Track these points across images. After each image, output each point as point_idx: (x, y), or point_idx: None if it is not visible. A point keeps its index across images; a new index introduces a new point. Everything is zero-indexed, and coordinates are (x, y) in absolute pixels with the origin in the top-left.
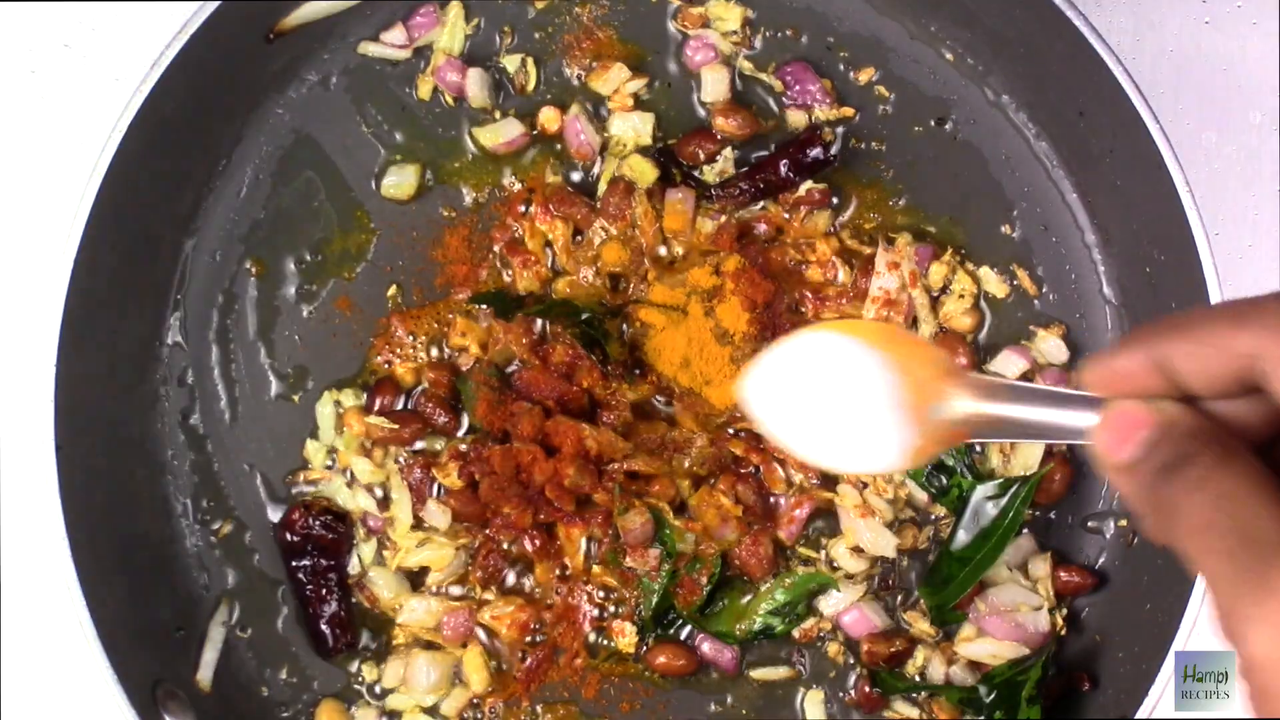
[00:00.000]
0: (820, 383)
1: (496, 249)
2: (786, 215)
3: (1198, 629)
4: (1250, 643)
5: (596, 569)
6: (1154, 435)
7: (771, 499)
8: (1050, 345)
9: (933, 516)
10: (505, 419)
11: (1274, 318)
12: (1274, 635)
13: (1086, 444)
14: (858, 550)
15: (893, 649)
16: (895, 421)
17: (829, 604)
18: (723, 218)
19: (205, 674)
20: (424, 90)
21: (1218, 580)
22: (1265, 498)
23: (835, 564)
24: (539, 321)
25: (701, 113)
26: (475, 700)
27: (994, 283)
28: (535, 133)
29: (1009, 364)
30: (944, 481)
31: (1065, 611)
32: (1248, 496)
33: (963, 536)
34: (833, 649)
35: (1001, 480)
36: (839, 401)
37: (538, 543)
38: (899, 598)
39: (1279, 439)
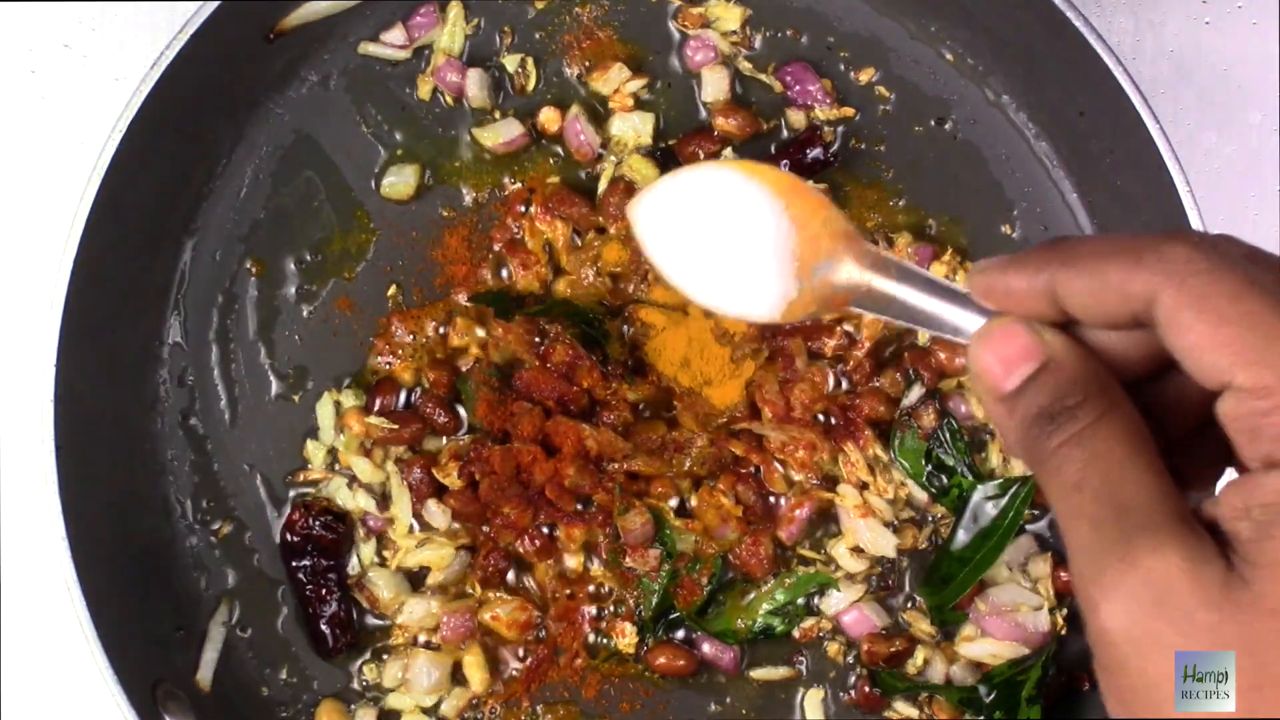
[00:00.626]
0: (710, 218)
1: (496, 249)
2: None
3: None
4: (1103, 614)
5: (596, 569)
6: (1037, 372)
7: (771, 499)
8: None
9: (933, 516)
10: (505, 419)
11: (1174, 262)
12: (1128, 609)
13: (966, 350)
14: (858, 550)
15: (893, 649)
16: (778, 271)
17: (829, 604)
18: None
19: (205, 674)
20: (424, 90)
21: (1081, 545)
22: (1143, 463)
23: (835, 564)
24: (539, 322)
25: (702, 113)
26: (475, 700)
27: None
28: (535, 133)
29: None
30: (944, 481)
31: (1065, 611)
32: (1125, 460)
33: (963, 536)
34: (833, 649)
35: (1002, 480)
36: (726, 239)
37: (538, 543)
38: (899, 598)
39: (1155, 376)
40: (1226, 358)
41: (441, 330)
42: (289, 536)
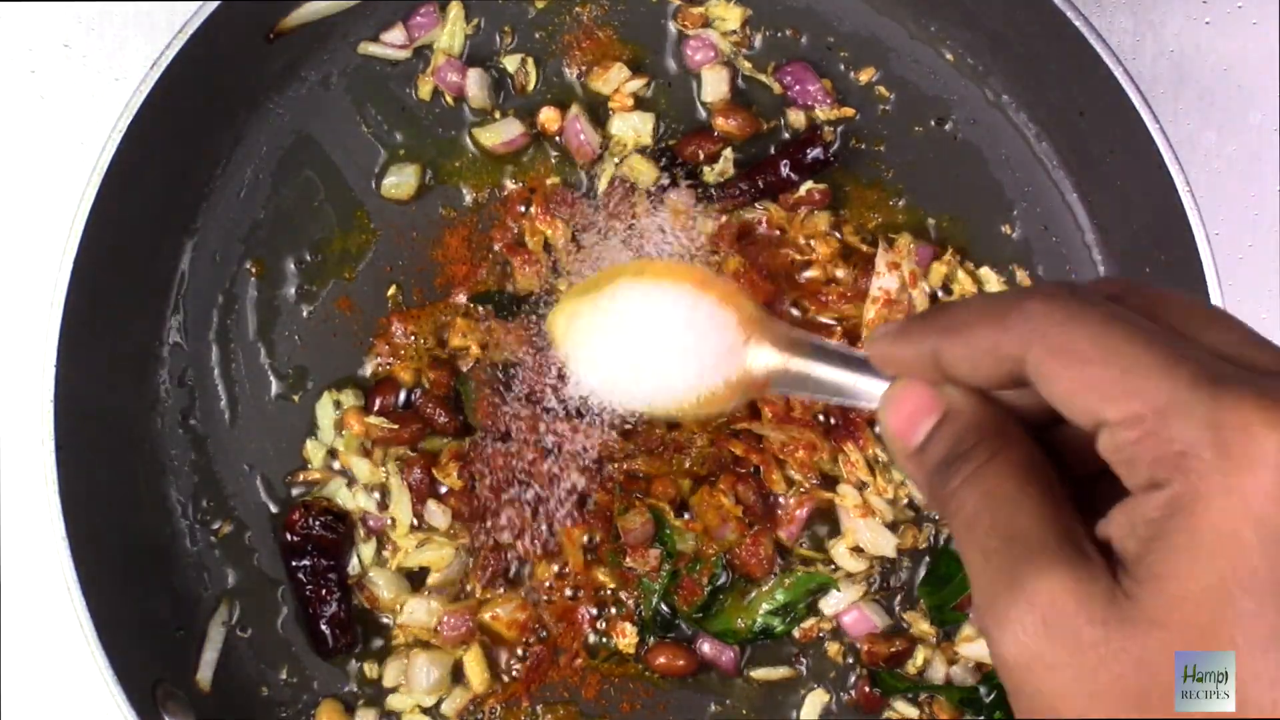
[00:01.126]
0: (625, 324)
1: (496, 249)
2: (787, 215)
3: None
4: (1000, 643)
5: (596, 569)
6: (938, 424)
7: (771, 499)
8: None
9: (933, 516)
10: (505, 419)
11: (1034, 318)
12: (1018, 635)
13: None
14: (858, 550)
15: (893, 649)
16: (696, 366)
17: (829, 604)
18: (723, 218)
19: (205, 674)
20: (424, 90)
21: (976, 578)
22: (1030, 496)
23: (835, 564)
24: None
25: (702, 113)
26: (475, 700)
27: (994, 283)
28: (535, 133)
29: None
30: None
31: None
32: (1013, 494)
33: None
34: (833, 649)
35: None
36: (642, 342)
37: (538, 543)
38: (899, 598)
39: (1057, 421)
40: (1094, 398)
41: (442, 332)
42: (289, 536)
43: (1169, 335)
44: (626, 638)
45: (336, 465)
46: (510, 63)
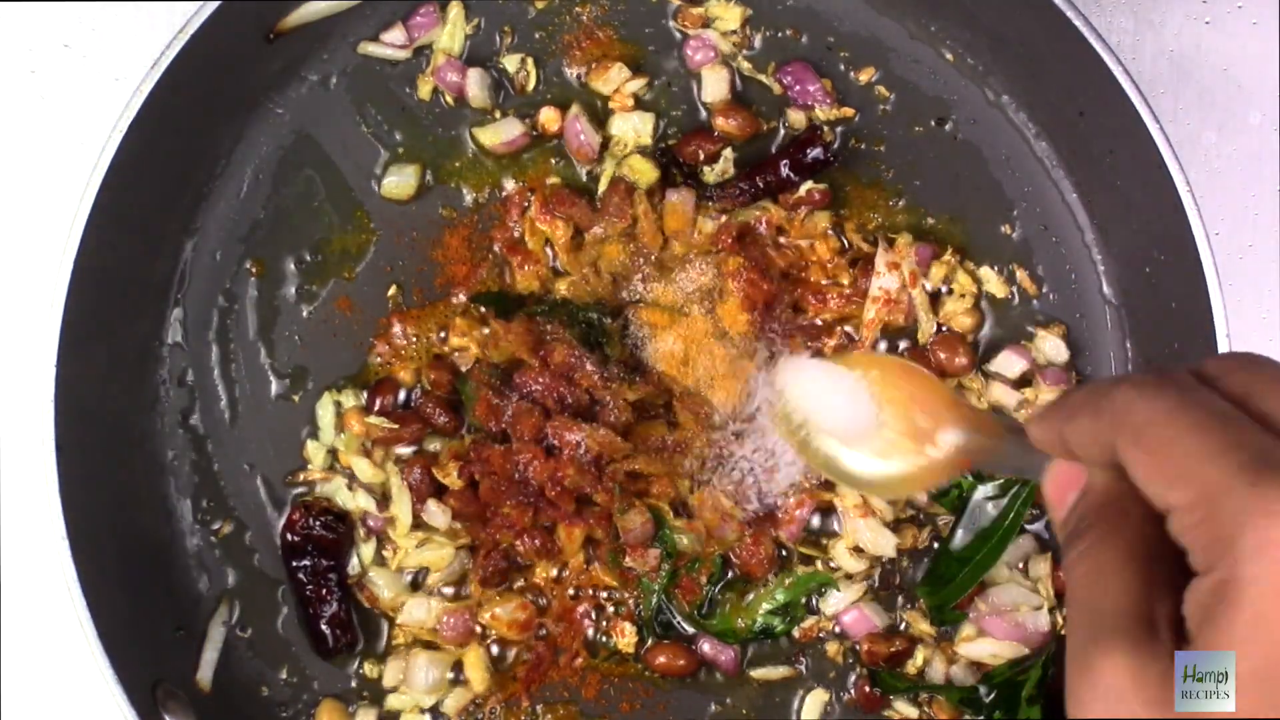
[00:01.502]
0: (829, 409)
1: (496, 249)
2: (787, 215)
3: None
4: (1069, 711)
5: (596, 569)
6: (1076, 500)
7: (771, 499)
8: (1050, 345)
9: (933, 517)
10: (505, 419)
11: (1118, 408)
12: (1086, 708)
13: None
14: (858, 550)
15: (893, 649)
16: (900, 451)
17: (829, 604)
18: (723, 218)
19: (205, 674)
20: (424, 90)
21: (1067, 649)
22: (1123, 577)
23: (835, 564)
24: (539, 322)
25: (702, 113)
26: (475, 700)
27: (994, 283)
28: (535, 133)
29: (1009, 364)
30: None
31: (1066, 611)
32: (1109, 574)
33: (962, 536)
34: (833, 649)
35: (1002, 481)
36: (848, 426)
37: (537, 543)
38: (899, 598)
39: None
40: (1161, 484)
41: (442, 332)
42: (289, 536)
43: (1236, 420)
44: (626, 638)
45: (336, 465)
46: (510, 63)
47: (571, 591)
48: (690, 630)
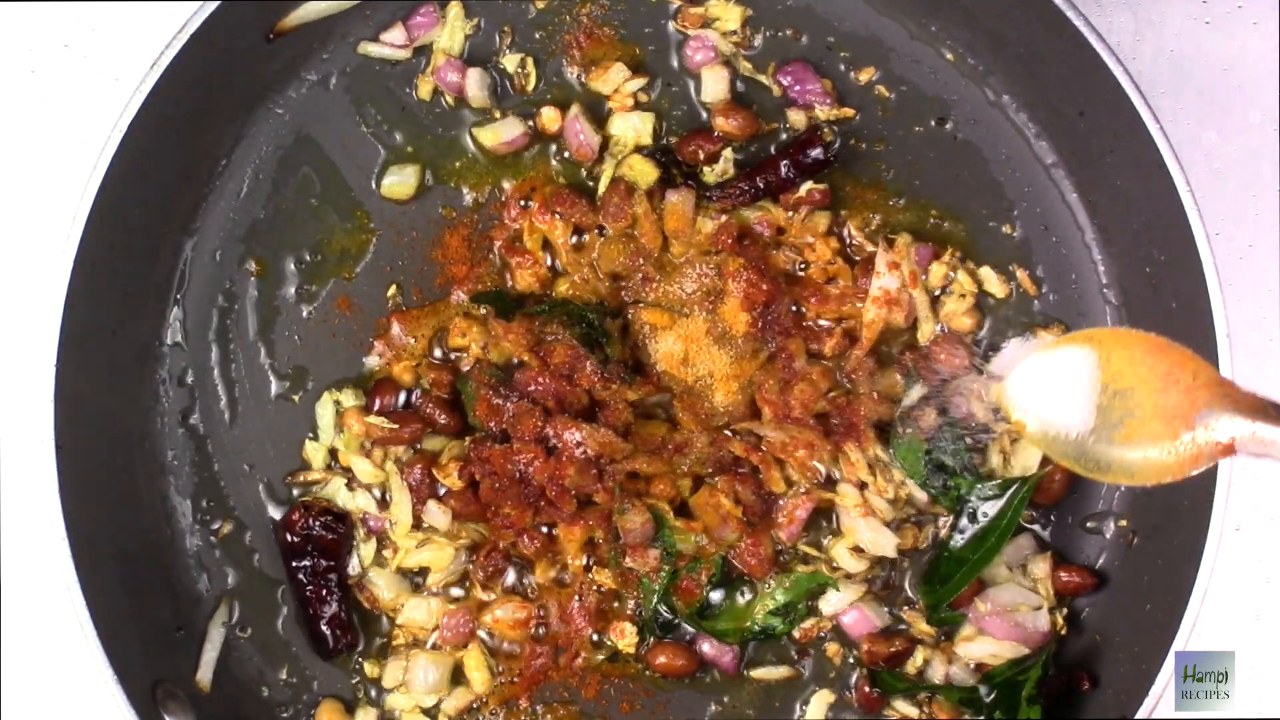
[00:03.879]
0: (1077, 390)
1: (496, 249)
2: (787, 215)
3: (1198, 629)
4: None
5: (596, 569)
6: None
7: (771, 499)
8: None
9: (933, 517)
10: (505, 419)
11: None
12: None
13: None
14: (858, 550)
15: (893, 649)
16: (1150, 435)
17: (829, 604)
18: (723, 218)
19: (205, 674)
20: (424, 90)
21: None
22: None
23: (835, 564)
24: (539, 321)
25: (702, 113)
26: (475, 701)
27: (994, 283)
28: (535, 133)
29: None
30: (944, 482)
31: (1065, 611)
32: None
33: (961, 536)
34: (832, 649)
35: (1001, 480)
36: (1095, 409)
37: (537, 543)
38: (899, 598)
39: None
40: None
41: (441, 332)
42: (289, 536)
43: None
44: (626, 638)
45: (336, 465)
46: (510, 63)
47: (574, 591)
48: (690, 630)
